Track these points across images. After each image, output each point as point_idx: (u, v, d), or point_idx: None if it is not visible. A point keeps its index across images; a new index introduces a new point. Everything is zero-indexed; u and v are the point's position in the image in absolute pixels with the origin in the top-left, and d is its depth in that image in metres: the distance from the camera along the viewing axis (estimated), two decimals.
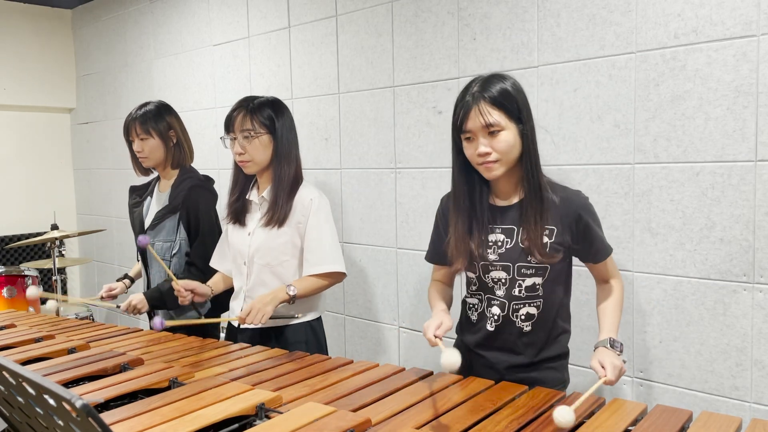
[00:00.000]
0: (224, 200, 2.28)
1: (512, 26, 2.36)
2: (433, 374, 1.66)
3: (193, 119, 3.75)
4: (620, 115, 2.12)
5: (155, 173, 2.67)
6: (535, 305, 1.64)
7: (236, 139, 2.09)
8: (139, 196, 2.69)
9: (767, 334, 1.90)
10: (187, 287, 2.12)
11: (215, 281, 2.30)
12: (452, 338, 1.84)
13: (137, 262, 2.75)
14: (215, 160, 3.62)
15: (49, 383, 0.81)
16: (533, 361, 1.66)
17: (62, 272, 4.77)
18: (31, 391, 0.88)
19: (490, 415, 1.36)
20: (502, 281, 1.64)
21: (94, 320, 4.02)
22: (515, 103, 1.55)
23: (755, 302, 1.92)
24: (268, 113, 2.08)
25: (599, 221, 1.67)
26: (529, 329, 1.64)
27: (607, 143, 2.16)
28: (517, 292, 1.63)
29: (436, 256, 1.80)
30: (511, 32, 2.37)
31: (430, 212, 2.67)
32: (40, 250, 4.73)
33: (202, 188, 2.52)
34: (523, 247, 1.60)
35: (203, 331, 2.37)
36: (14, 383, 0.92)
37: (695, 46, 1.96)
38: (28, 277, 3.74)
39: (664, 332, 2.09)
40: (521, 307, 1.64)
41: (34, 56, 4.67)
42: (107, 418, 1.31)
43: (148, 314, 2.59)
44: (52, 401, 0.83)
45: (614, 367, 1.46)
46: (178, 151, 2.57)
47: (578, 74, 2.21)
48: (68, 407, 0.79)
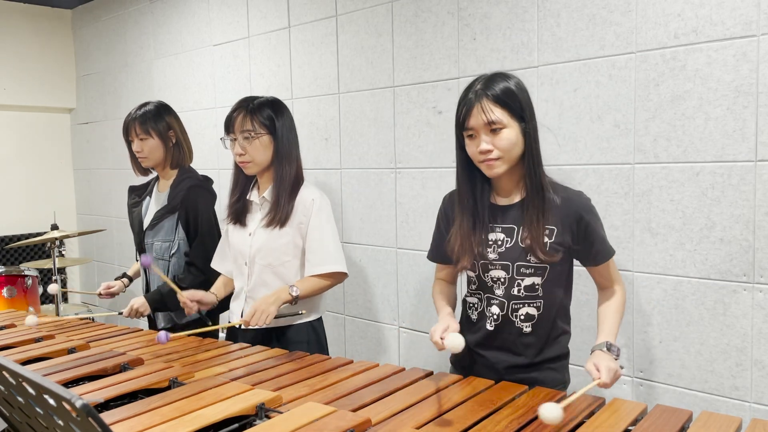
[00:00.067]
0: (224, 201, 2.28)
1: (512, 26, 2.36)
2: (433, 374, 1.66)
3: (193, 119, 3.75)
4: (620, 115, 2.12)
5: (154, 173, 2.67)
6: (534, 306, 1.63)
7: (236, 139, 2.08)
8: (138, 196, 2.70)
9: (767, 334, 1.90)
10: (192, 298, 2.14)
11: (217, 287, 2.31)
12: None
13: (136, 261, 2.75)
14: (215, 160, 3.62)
15: (49, 383, 0.81)
16: (533, 361, 1.66)
17: (62, 272, 4.77)
18: (31, 391, 0.88)
19: (490, 415, 1.36)
20: (501, 280, 1.64)
21: (94, 320, 4.02)
22: (518, 101, 1.55)
23: (755, 302, 1.92)
24: (268, 113, 2.08)
25: (601, 223, 1.66)
26: (529, 330, 1.64)
27: (607, 143, 2.16)
28: (516, 291, 1.63)
29: (437, 254, 1.80)
30: (511, 32, 2.37)
31: (430, 212, 2.67)
32: (40, 250, 4.73)
33: (201, 188, 2.53)
34: (522, 246, 1.59)
35: (209, 331, 2.37)
36: (14, 383, 0.92)
37: (695, 46, 1.96)
38: (28, 277, 3.74)
39: (664, 332, 2.09)
40: (521, 307, 1.63)
41: (34, 56, 4.67)
42: (107, 418, 1.31)
43: (147, 316, 2.59)
44: (52, 401, 0.83)
45: (609, 369, 1.44)
46: (177, 151, 2.57)
47: (578, 74, 2.21)
48: (68, 407, 0.79)
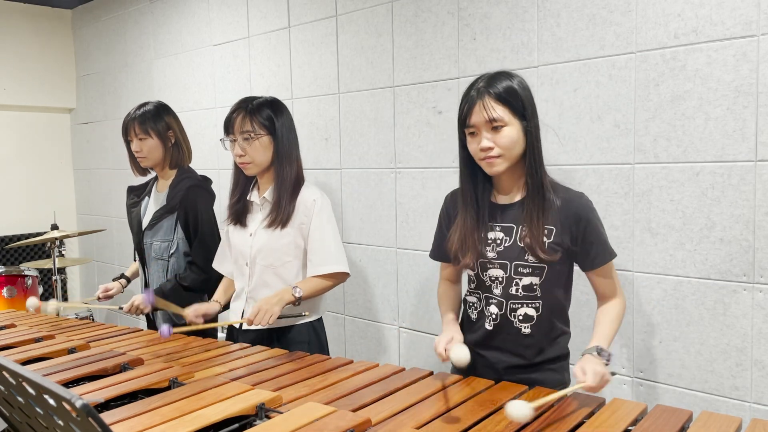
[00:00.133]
0: (224, 201, 2.28)
1: (512, 26, 2.36)
2: (433, 374, 1.66)
3: (193, 119, 3.75)
4: (620, 115, 2.12)
5: (153, 173, 2.67)
6: (533, 306, 1.63)
7: (236, 140, 2.08)
8: (137, 196, 2.70)
9: (767, 334, 1.90)
10: (197, 314, 2.16)
11: (219, 294, 2.31)
12: None
13: (134, 261, 2.75)
14: (215, 160, 3.62)
15: (49, 383, 0.81)
16: (533, 362, 1.65)
17: (62, 272, 4.77)
18: (31, 391, 0.88)
19: (490, 415, 1.36)
20: (499, 279, 1.64)
21: (94, 320, 4.02)
22: (520, 99, 1.55)
23: (755, 302, 1.92)
24: (267, 114, 2.08)
25: (601, 226, 1.64)
26: (528, 331, 1.64)
27: (607, 143, 2.16)
28: (514, 291, 1.63)
29: (439, 253, 1.81)
30: (511, 32, 2.37)
31: (430, 212, 2.67)
32: (40, 250, 4.73)
33: (200, 188, 2.53)
34: (521, 245, 1.60)
35: (203, 330, 2.37)
36: (14, 383, 0.92)
37: (695, 46, 1.96)
38: (28, 277, 3.74)
39: (664, 332, 2.09)
40: (519, 307, 1.63)
41: (34, 56, 4.67)
42: (107, 418, 1.31)
43: (146, 315, 2.59)
44: (52, 401, 0.83)
45: (596, 373, 1.39)
46: (176, 151, 2.58)
47: (578, 74, 2.21)
48: (68, 407, 0.79)
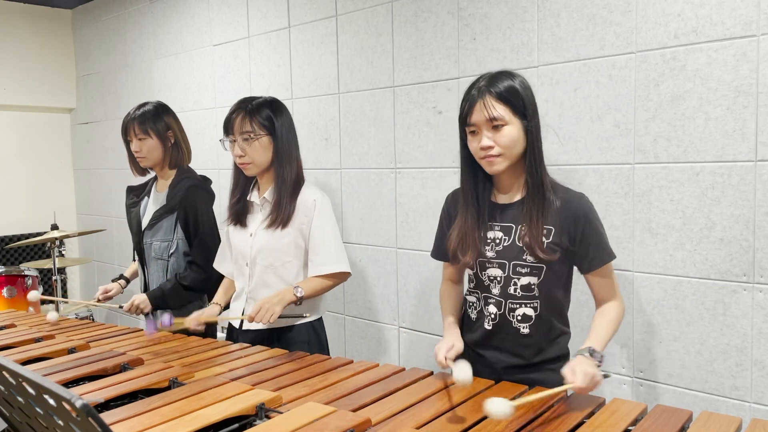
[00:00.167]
0: (224, 202, 2.28)
1: (512, 26, 2.36)
2: (433, 374, 1.66)
3: (193, 119, 3.75)
4: (620, 115, 2.12)
5: (152, 173, 2.67)
6: (531, 306, 1.63)
7: (236, 141, 2.08)
8: (136, 196, 2.70)
9: (767, 334, 1.90)
10: (199, 322, 2.16)
11: (218, 296, 2.32)
12: None
13: (133, 261, 2.75)
14: (215, 160, 3.62)
15: (49, 383, 0.81)
16: (532, 362, 1.65)
17: (62, 272, 4.77)
18: (31, 391, 0.88)
19: None
20: (497, 279, 1.64)
21: (94, 320, 4.02)
22: (521, 99, 1.56)
23: (755, 302, 1.92)
24: (266, 114, 2.08)
25: (601, 227, 1.63)
26: (526, 331, 1.64)
27: (607, 143, 2.16)
28: (512, 290, 1.63)
29: (440, 252, 1.81)
30: (511, 32, 2.37)
31: (430, 212, 2.67)
32: (40, 250, 4.73)
33: (199, 188, 2.53)
34: (519, 245, 1.60)
35: (206, 331, 2.37)
36: (14, 383, 0.92)
37: (695, 46, 1.96)
38: (28, 277, 3.74)
39: (664, 332, 2.09)
40: (517, 307, 1.63)
41: (34, 56, 4.67)
42: (107, 418, 1.31)
43: (145, 316, 2.59)
44: (52, 401, 0.83)
45: (585, 374, 1.37)
46: (175, 151, 2.58)
47: (578, 74, 2.21)
48: (68, 407, 0.79)
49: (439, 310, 1.83)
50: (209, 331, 2.50)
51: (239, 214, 2.19)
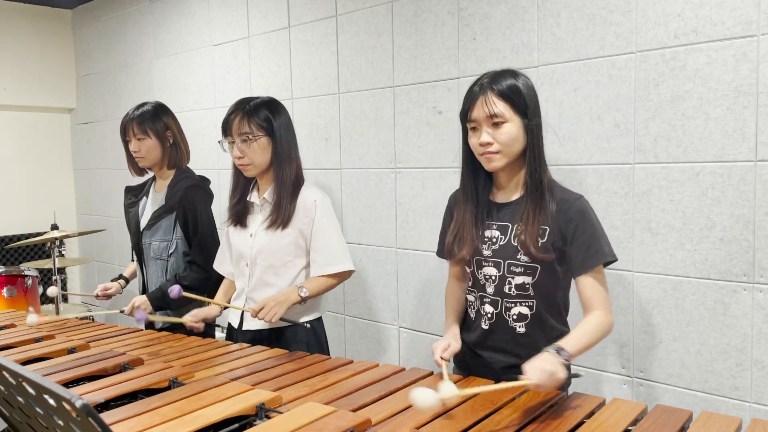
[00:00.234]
0: (224, 202, 2.28)
1: (512, 26, 2.36)
2: (433, 374, 1.66)
3: (193, 119, 3.75)
4: (620, 115, 2.12)
5: (150, 173, 2.67)
6: (527, 305, 1.63)
7: (234, 142, 2.08)
8: (134, 196, 2.70)
9: (767, 334, 1.90)
10: (196, 319, 2.19)
11: (218, 297, 2.33)
12: None
13: (132, 261, 2.75)
14: (215, 160, 3.62)
15: (49, 383, 0.81)
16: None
17: (62, 272, 4.77)
18: (31, 391, 0.88)
19: (490, 415, 1.36)
20: (492, 278, 1.65)
21: (94, 320, 4.01)
22: (522, 97, 1.56)
23: (755, 302, 1.92)
24: (265, 115, 2.07)
25: (595, 229, 1.59)
26: (523, 330, 1.64)
27: (607, 143, 2.16)
28: (507, 289, 1.63)
29: (443, 251, 1.82)
30: (511, 32, 2.37)
31: (430, 212, 2.67)
32: (40, 250, 4.73)
33: (198, 188, 2.53)
34: (515, 244, 1.60)
35: (204, 330, 2.37)
36: (14, 383, 0.92)
37: (695, 46, 1.96)
38: (28, 277, 3.74)
39: (664, 332, 2.09)
40: (513, 306, 1.64)
41: (34, 56, 4.67)
42: (107, 418, 1.31)
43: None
44: (52, 401, 0.83)
45: (543, 371, 1.32)
46: (174, 151, 2.58)
47: (578, 74, 2.21)
48: (68, 407, 0.79)
49: (439, 309, 1.84)
50: (210, 331, 2.50)
51: (239, 214, 2.19)
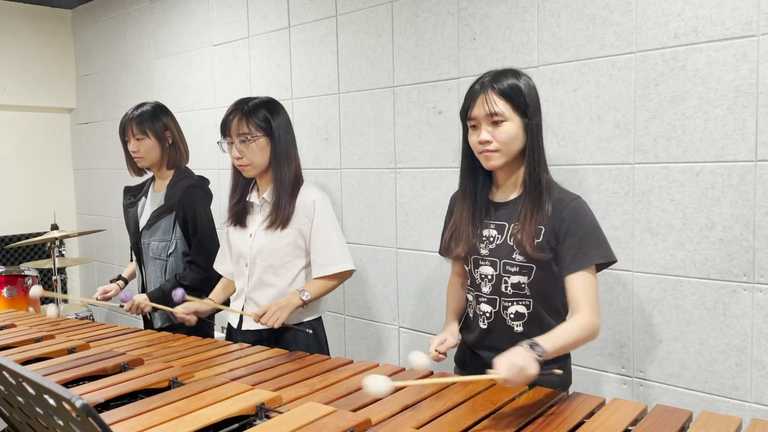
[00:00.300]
0: (224, 202, 2.28)
1: (512, 26, 2.36)
2: (432, 374, 1.66)
3: (193, 119, 3.75)
4: (620, 115, 2.12)
5: (149, 174, 2.67)
6: (524, 304, 1.63)
7: (233, 143, 2.08)
8: (133, 196, 2.70)
9: (767, 334, 1.90)
10: (188, 311, 2.19)
11: (216, 292, 2.32)
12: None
13: (131, 262, 2.75)
14: (215, 160, 3.62)
15: (49, 383, 0.81)
16: None
17: (62, 272, 4.77)
18: (31, 391, 0.88)
19: (490, 415, 1.36)
20: (488, 277, 1.65)
21: (94, 320, 4.02)
22: (523, 97, 1.57)
23: (755, 302, 1.92)
24: (263, 115, 2.07)
25: (588, 230, 1.56)
26: (520, 329, 1.64)
27: (607, 143, 2.16)
28: (503, 288, 1.63)
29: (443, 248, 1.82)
30: (511, 32, 2.37)
31: (430, 212, 2.67)
32: (40, 250, 4.73)
33: (198, 188, 2.53)
34: (510, 243, 1.60)
35: (203, 330, 2.38)
36: (14, 383, 0.92)
37: (695, 46, 1.96)
38: (28, 277, 3.74)
39: (664, 332, 2.09)
40: (510, 305, 1.64)
41: (34, 56, 4.67)
42: (107, 418, 1.31)
43: (143, 316, 2.59)
44: (52, 401, 0.83)
45: (512, 365, 1.30)
46: (173, 151, 2.58)
47: (578, 74, 2.21)
48: (68, 407, 0.79)
49: (439, 309, 1.84)
50: (209, 331, 2.50)
51: (239, 214, 2.19)
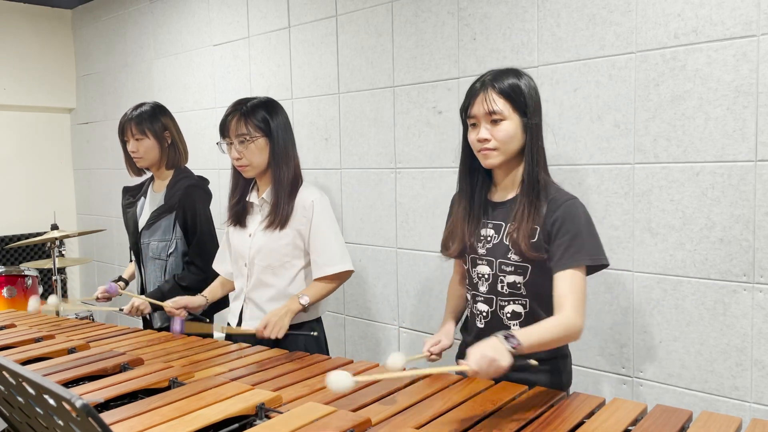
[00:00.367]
0: (224, 202, 2.28)
1: (512, 26, 2.36)
2: (432, 374, 1.66)
3: (193, 119, 3.75)
4: (620, 115, 2.12)
5: (148, 174, 2.67)
6: (520, 303, 1.63)
7: (232, 144, 2.08)
8: (132, 196, 2.70)
9: (767, 334, 1.90)
10: (177, 305, 2.19)
11: (213, 288, 2.32)
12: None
13: (131, 262, 2.75)
14: (215, 160, 3.62)
15: (49, 383, 0.81)
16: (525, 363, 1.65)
17: (62, 272, 4.77)
18: (31, 391, 0.88)
19: (490, 415, 1.36)
20: (485, 277, 1.65)
21: (94, 320, 4.01)
22: (523, 96, 1.57)
23: (755, 302, 1.92)
24: (262, 115, 2.07)
25: (580, 230, 1.55)
26: (517, 329, 1.63)
27: (607, 143, 2.16)
28: (500, 288, 1.64)
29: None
30: (511, 32, 2.37)
31: (430, 212, 2.67)
32: (40, 250, 4.73)
33: (197, 188, 2.53)
34: (506, 243, 1.60)
35: (203, 330, 2.37)
36: (14, 383, 0.92)
37: (695, 46, 1.96)
38: (28, 277, 3.74)
39: (664, 332, 2.09)
40: (507, 304, 1.64)
41: (34, 56, 4.67)
42: (107, 418, 1.31)
43: (143, 317, 2.59)
44: (52, 401, 0.83)
45: (483, 357, 1.28)
46: (172, 151, 2.58)
47: (578, 74, 2.21)
48: (68, 407, 0.79)
49: (439, 309, 1.84)
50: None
51: (239, 214, 2.19)
